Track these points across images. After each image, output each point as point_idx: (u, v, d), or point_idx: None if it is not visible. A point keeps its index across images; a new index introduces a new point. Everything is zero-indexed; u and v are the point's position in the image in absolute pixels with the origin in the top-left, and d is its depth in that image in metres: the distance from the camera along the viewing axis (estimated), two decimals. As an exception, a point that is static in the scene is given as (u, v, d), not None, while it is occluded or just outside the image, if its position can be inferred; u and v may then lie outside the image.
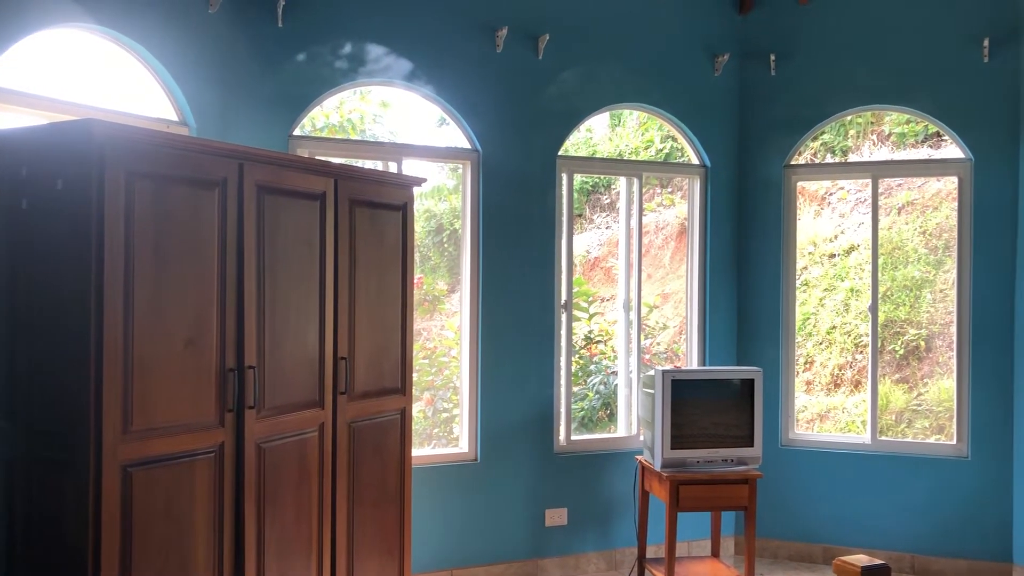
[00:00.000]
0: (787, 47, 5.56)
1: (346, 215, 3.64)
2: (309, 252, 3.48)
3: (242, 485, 3.13)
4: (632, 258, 5.52)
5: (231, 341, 3.09)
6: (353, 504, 3.70)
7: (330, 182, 3.56)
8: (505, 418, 5.04)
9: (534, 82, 5.14)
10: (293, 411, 3.38)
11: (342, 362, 3.60)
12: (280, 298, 3.31)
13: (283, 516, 3.32)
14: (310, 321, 3.48)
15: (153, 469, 2.82)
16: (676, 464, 4.70)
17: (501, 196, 5.05)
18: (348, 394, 3.65)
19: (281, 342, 3.32)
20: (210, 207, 3.03)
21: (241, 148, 3.18)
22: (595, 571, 5.24)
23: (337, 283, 3.59)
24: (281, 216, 3.32)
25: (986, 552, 5.16)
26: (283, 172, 3.35)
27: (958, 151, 5.39)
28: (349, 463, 3.68)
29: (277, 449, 3.30)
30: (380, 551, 3.87)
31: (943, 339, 7.68)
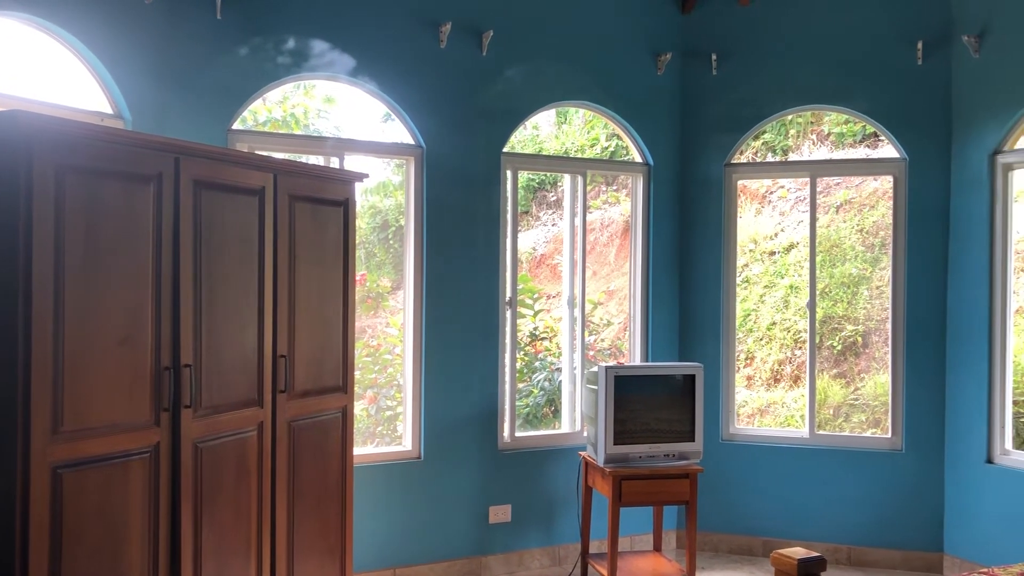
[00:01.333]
0: (728, 47, 5.64)
1: (286, 211, 3.59)
2: (248, 249, 3.42)
3: (178, 486, 3.07)
4: (576, 255, 5.55)
5: (167, 339, 3.03)
6: (293, 504, 3.65)
7: (269, 177, 3.51)
8: (449, 416, 5.03)
9: (478, 78, 5.12)
10: (231, 410, 3.33)
11: (282, 360, 3.56)
12: (218, 295, 3.25)
13: (221, 517, 3.27)
14: (249, 319, 3.42)
15: (85, 470, 2.75)
16: (619, 459, 4.73)
17: (446, 192, 5.03)
18: (288, 393, 3.60)
19: (219, 340, 3.26)
20: (145, 202, 2.96)
21: (177, 142, 3.12)
22: (539, 567, 5.26)
23: (277, 280, 3.54)
24: (219, 212, 3.26)
25: (919, 542, 5.30)
26: (221, 167, 3.29)
27: (893, 151, 5.52)
28: (289, 462, 3.63)
29: (215, 449, 3.24)
30: (321, 551, 3.83)
31: (879, 335, 7.86)
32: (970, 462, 5.11)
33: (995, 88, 5.05)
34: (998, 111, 5.03)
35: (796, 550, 2.83)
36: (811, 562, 2.77)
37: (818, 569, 2.78)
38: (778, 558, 2.81)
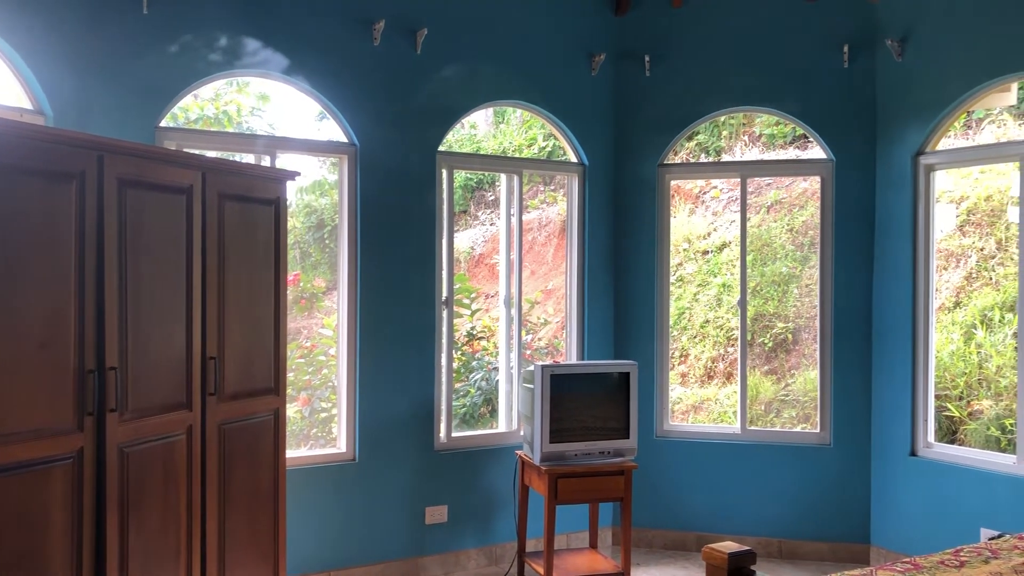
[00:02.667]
0: (661, 49, 5.70)
1: (215, 210, 3.53)
2: (175, 248, 3.35)
3: (103, 492, 2.99)
4: (513, 255, 5.56)
5: (90, 342, 2.95)
6: (224, 508, 3.58)
7: (197, 175, 3.44)
8: (384, 417, 4.99)
9: (413, 76, 5.10)
10: (159, 413, 3.25)
11: (211, 362, 3.49)
12: (144, 296, 3.17)
13: (148, 523, 3.19)
14: (177, 320, 3.35)
15: (5, 478, 2.66)
16: (555, 457, 4.75)
17: (380, 191, 4.99)
18: (218, 395, 3.53)
19: (146, 342, 3.19)
20: (67, 201, 2.88)
21: (100, 139, 3.03)
22: (475, 567, 5.25)
23: (205, 280, 3.48)
24: (145, 211, 3.19)
25: (847, 534, 5.44)
26: (147, 164, 3.21)
27: (821, 152, 5.65)
28: (219, 466, 3.56)
29: (142, 453, 3.17)
30: (253, 556, 3.77)
31: (809, 332, 8.04)
32: (895, 455, 5.26)
33: (917, 91, 5.20)
34: (920, 113, 5.18)
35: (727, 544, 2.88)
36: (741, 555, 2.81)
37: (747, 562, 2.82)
38: (709, 552, 2.85)
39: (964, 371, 6.95)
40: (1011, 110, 7.76)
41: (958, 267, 7.45)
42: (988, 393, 6.80)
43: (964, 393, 6.90)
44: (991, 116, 7.92)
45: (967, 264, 7.41)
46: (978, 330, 6.96)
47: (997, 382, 6.76)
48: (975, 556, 3.29)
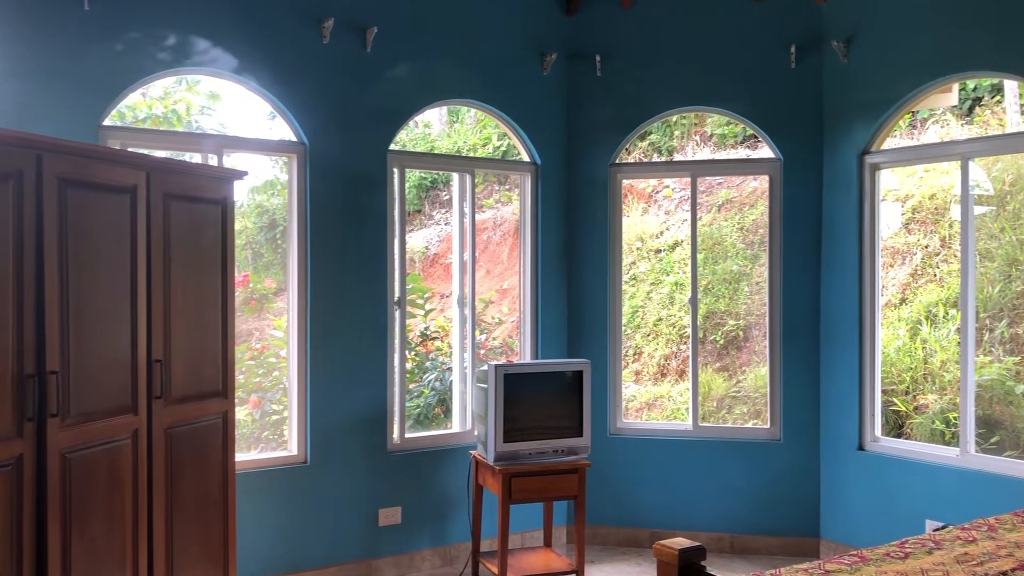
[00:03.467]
0: (612, 48, 5.73)
1: (160, 210, 3.46)
2: (119, 249, 3.28)
3: (44, 499, 2.91)
4: (466, 254, 5.55)
5: (30, 346, 2.87)
6: (172, 514, 3.52)
7: (142, 175, 3.38)
8: (337, 419, 4.95)
9: (363, 75, 5.06)
10: (103, 418, 3.19)
11: (157, 365, 3.43)
12: (87, 299, 3.11)
13: (92, 530, 3.12)
14: (121, 323, 3.28)
15: (-61, 487, 2.59)
16: (509, 457, 4.75)
17: (331, 191, 4.95)
18: (164, 399, 3.47)
19: (89, 345, 3.12)
20: (4, 202, 2.80)
21: (39, 138, 2.96)
22: (430, 568, 5.23)
23: (151, 282, 3.41)
24: (88, 211, 3.12)
25: (797, 528, 5.52)
26: (89, 164, 3.15)
27: (770, 152, 5.72)
28: (167, 471, 3.50)
29: (85, 459, 3.10)
30: (203, 561, 3.71)
31: (759, 329, 8.14)
32: (843, 450, 5.35)
33: (863, 91, 5.29)
34: (866, 113, 5.27)
35: (678, 540, 2.89)
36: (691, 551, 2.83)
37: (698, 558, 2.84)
38: (660, 549, 2.87)
39: (910, 366, 7.09)
40: (954, 110, 7.94)
41: (903, 264, 7.60)
42: (933, 387, 6.95)
43: (910, 388, 7.05)
44: (935, 116, 8.09)
45: (912, 261, 7.57)
46: (923, 326, 7.11)
47: (941, 376, 6.91)
48: (919, 548, 3.36)
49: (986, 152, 5.49)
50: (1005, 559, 3.20)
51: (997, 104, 7.91)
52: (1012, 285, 6.82)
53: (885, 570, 3.10)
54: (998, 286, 6.86)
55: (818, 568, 3.10)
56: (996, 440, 6.41)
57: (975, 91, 8.01)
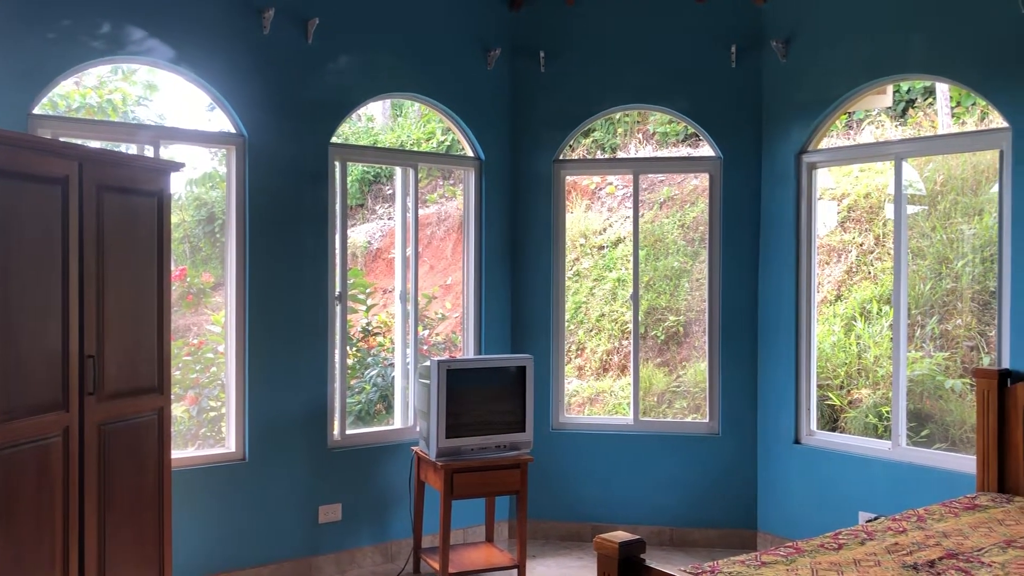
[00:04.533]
0: (556, 45, 5.75)
1: (93, 202, 3.37)
2: (50, 242, 3.19)
3: (-31, 499, 2.82)
4: (409, 249, 5.51)
5: (-46, 340, 2.78)
6: (104, 513, 3.44)
7: (73, 165, 3.28)
8: (276, 415, 4.88)
9: (304, 67, 4.99)
10: (31, 415, 3.10)
11: (89, 360, 3.34)
12: (14, 292, 3.01)
13: (20, 531, 3.03)
14: (52, 317, 3.19)
15: None
16: (451, 453, 4.74)
17: (271, 184, 4.87)
18: (97, 395, 3.39)
19: (17, 341, 3.03)
20: (-75, 191, 2.70)
21: (-36, 126, 2.86)
22: (371, 565, 5.20)
23: (83, 275, 3.32)
24: (16, 202, 3.03)
25: (735, 521, 5.60)
26: (17, 153, 3.05)
27: (710, 150, 5.79)
28: (99, 469, 3.42)
29: (11, 457, 3.01)
30: (137, 561, 3.64)
31: (699, 325, 8.25)
32: (780, 443, 5.45)
33: (801, 91, 5.39)
34: (803, 113, 5.37)
35: (618, 534, 2.91)
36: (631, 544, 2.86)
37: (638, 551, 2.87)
38: (600, 543, 2.88)
39: (845, 361, 7.25)
40: (888, 112, 8.13)
41: (839, 262, 7.77)
42: (866, 382, 7.12)
43: (844, 382, 7.21)
44: (870, 117, 8.28)
45: (847, 259, 7.74)
46: (857, 322, 7.28)
47: (875, 371, 7.09)
48: (852, 539, 3.44)
49: (918, 153, 5.63)
50: (933, 548, 3.30)
51: (930, 106, 8.12)
52: (942, 283, 7.02)
53: (820, 561, 3.16)
54: (929, 283, 7.06)
55: (755, 560, 3.16)
56: (926, 433, 6.60)
57: (909, 93, 8.21)
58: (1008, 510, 3.87)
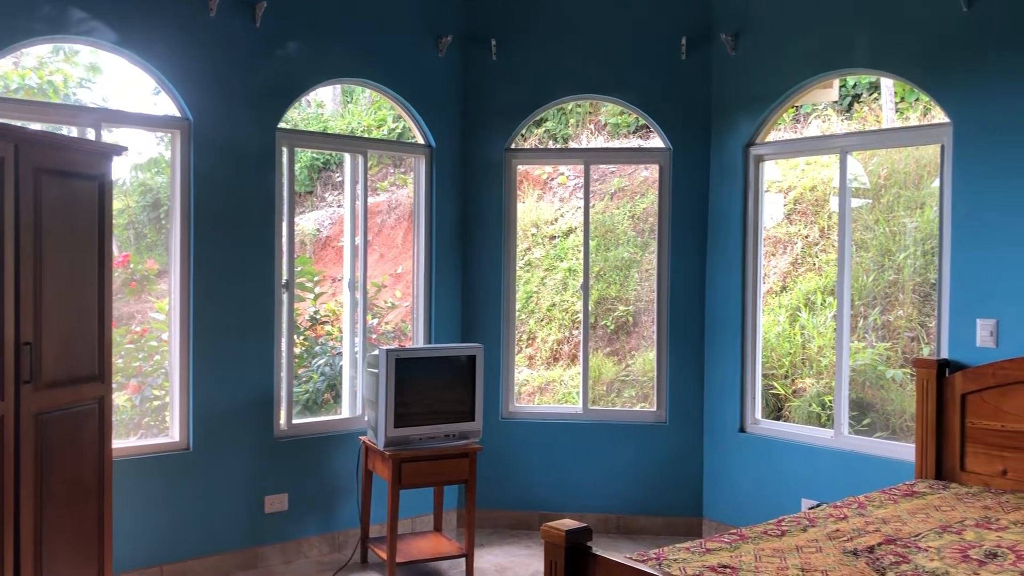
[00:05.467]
0: (508, 33, 5.73)
1: (30, 185, 3.28)
2: (-17, 226, 3.09)
3: (-102, 491, 2.73)
4: (358, 237, 5.46)
5: None
6: (41, 504, 3.36)
7: (9, 147, 3.19)
8: (221, 404, 4.81)
9: (252, 51, 4.90)
10: (-36, 404, 3.01)
11: (26, 348, 3.25)
12: (-54, 277, 2.92)
13: (-48, 523, 2.95)
14: (-14, 303, 3.10)
15: None
16: (399, 442, 4.72)
17: (217, 169, 4.78)
18: (34, 383, 3.30)
19: (-52, 327, 2.94)
20: None
21: None
22: (317, 555, 5.16)
23: (19, 261, 3.23)
24: (-54, 184, 2.93)
25: (681, 508, 5.67)
26: (-51, 134, 2.95)
27: (660, 141, 5.82)
28: (36, 459, 3.33)
29: (-56, 448, 2.92)
30: (76, 553, 3.56)
31: (648, 315, 8.32)
32: (725, 432, 5.52)
33: (749, 84, 5.44)
34: (751, 106, 5.43)
35: (565, 522, 2.93)
36: (578, 532, 2.87)
37: (584, 539, 2.88)
38: (547, 531, 2.90)
39: (789, 351, 7.37)
40: (834, 106, 8.26)
41: (785, 253, 7.89)
42: (810, 372, 7.25)
43: (789, 372, 7.33)
44: (817, 111, 8.41)
45: (793, 250, 7.86)
46: (802, 313, 7.40)
47: (818, 361, 7.22)
48: (795, 525, 3.50)
49: (863, 146, 5.73)
50: (873, 534, 3.37)
51: (875, 101, 8.27)
52: (885, 274, 7.16)
53: (763, 547, 3.21)
54: (872, 275, 7.20)
55: (700, 547, 3.20)
56: (868, 422, 6.74)
57: (855, 88, 8.35)
58: (944, 496, 3.97)
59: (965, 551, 3.14)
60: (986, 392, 4.24)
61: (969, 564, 3.00)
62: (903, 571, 2.90)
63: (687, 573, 2.86)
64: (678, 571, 2.88)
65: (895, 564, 2.98)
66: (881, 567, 2.95)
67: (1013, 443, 4.14)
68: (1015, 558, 3.07)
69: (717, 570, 2.89)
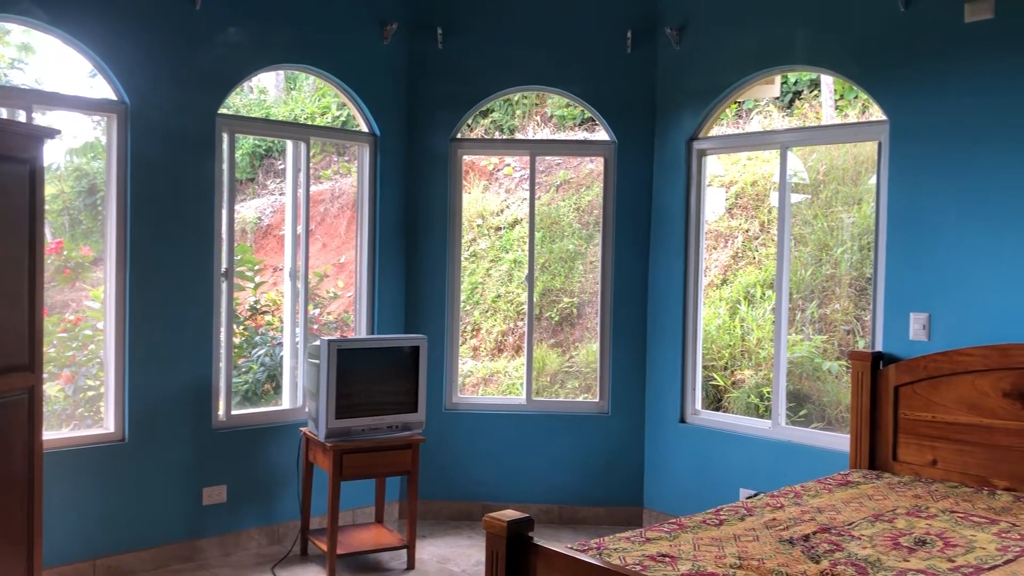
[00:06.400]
0: (454, 22, 5.69)
1: (-44, 168, 3.17)
2: (-94, 209, 2.98)
3: None
4: (300, 226, 5.39)
5: None
6: (-33, 497, 3.26)
7: (-66, 128, 3.07)
8: (158, 395, 4.71)
9: (192, 34, 4.80)
10: None
11: (-49, 336, 3.14)
12: None
13: None
14: (-92, 289, 2.99)
15: None
16: (340, 433, 4.68)
17: (155, 154, 4.67)
18: (-41, 373, 3.19)
19: None
20: None
21: None
22: (256, 547, 5.09)
23: (-56, 246, 3.12)
24: None
25: (622, 498, 5.72)
26: None
27: (605, 134, 5.85)
28: (-38, 451, 3.23)
29: None
30: (2, 546, 3.45)
31: (592, 307, 8.37)
32: (666, 422, 5.58)
33: (692, 79, 5.49)
34: (694, 100, 5.48)
35: (506, 512, 2.93)
36: (519, 523, 2.88)
37: (526, 529, 2.89)
38: (489, 521, 2.90)
39: (729, 343, 7.48)
40: (776, 102, 8.39)
41: (726, 247, 8.00)
42: (749, 363, 7.37)
43: (728, 364, 7.44)
44: (759, 107, 8.53)
45: (734, 244, 7.97)
46: (742, 305, 7.51)
47: (757, 353, 7.34)
48: (733, 515, 3.55)
49: (803, 142, 5.83)
50: (808, 523, 3.43)
51: (815, 98, 8.42)
52: (822, 269, 7.31)
53: (701, 536, 3.25)
54: (810, 269, 7.34)
55: (639, 536, 3.23)
56: (804, 413, 6.88)
57: (796, 85, 8.49)
58: (877, 486, 4.07)
59: (896, 539, 3.22)
60: (918, 384, 4.35)
61: (900, 551, 3.08)
62: (837, 559, 2.97)
63: (627, 563, 2.88)
64: (618, 561, 2.90)
65: (829, 552, 3.05)
66: (816, 555, 3.01)
67: (943, 434, 4.26)
68: (943, 545, 3.16)
69: (656, 559, 2.92)
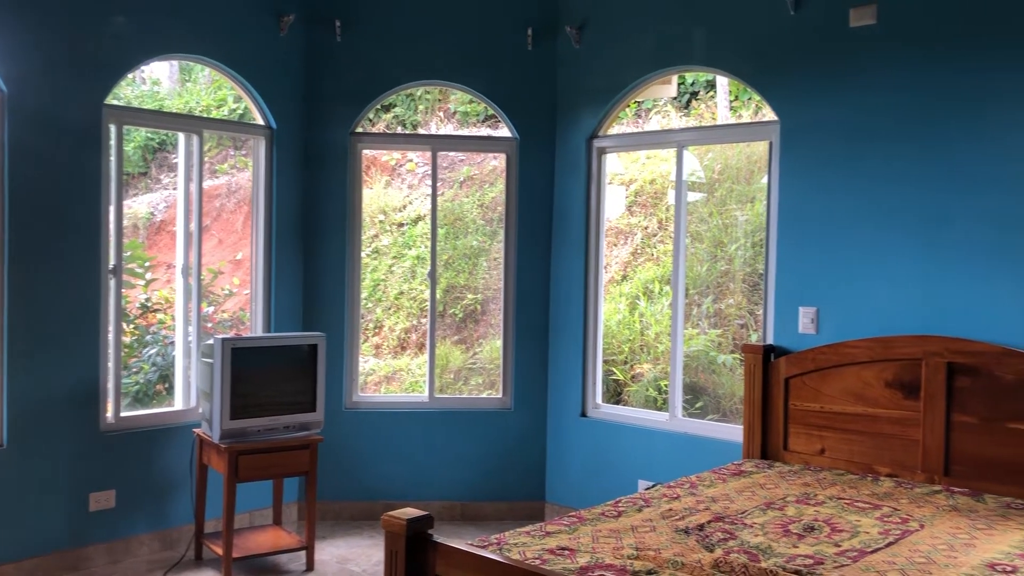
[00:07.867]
0: (352, 15, 5.60)
1: None
2: None
3: None
4: (192, 222, 5.22)
5: None
6: None
7: None
8: (40, 397, 4.49)
9: (77, 20, 4.58)
10: None
11: None
12: None
13: None
14: None
15: None
16: (236, 435, 4.56)
17: (35, 145, 4.45)
18: None
19: None
20: None
21: None
22: (148, 553, 4.91)
23: None
24: None
25: (524, 493, 5.75)
26: None
27: (507, 131, 5.86)
28: None
29: None
30: None
31: (496, 303, 8.38)
32: (567, 416, 5.64)
33: (592, 77, 5.55)
34: (594, 99, 5.54)
35: (406, 511, 2.90)
36: (419, 521, 2.85)
37: (425, 527, 2.87)
38: (388, 520, 2.86)
39: (629, 338, 7.61)
40: (674, 102, 8.56)
41: (626, 244, 8.12)
42: (648, 357, 7.50)
43: (628, 358, 7.57)
44: (657, 107, 8.68)
45: (633, 241, 8.10)
46: (641, 301, 7.65)
47: (655, 347, 7.48)
48: (631, 506, 3.61)
49: (699, 141, 5.97)
50: (703, 512, 3.51)
51: (711, 99, 8.62)
52: (717, 265, 7.49)
53: (600, 528, 3.29)
54: (705, 265, 7.51)
55: (539, 530, 3.24)
56: (700, 405, 7.05)
57: (693, 85, 8.68)
58: (769, 475, 4.20)
59: (786, 526, 3.33)
60: (807, 376, 4.50)
61: (789, 538, 3.18)
62: (730, 547, 3.04)
63: (527, 557, 2.89)
64: (518, 555, 2.91)
65: (723, 540, 3.12)
66: (710, 544, 3.08)
67: (830, 423, 4.42)
68: (830, 530, 3.28)
69: (556, 552, 2.94)
